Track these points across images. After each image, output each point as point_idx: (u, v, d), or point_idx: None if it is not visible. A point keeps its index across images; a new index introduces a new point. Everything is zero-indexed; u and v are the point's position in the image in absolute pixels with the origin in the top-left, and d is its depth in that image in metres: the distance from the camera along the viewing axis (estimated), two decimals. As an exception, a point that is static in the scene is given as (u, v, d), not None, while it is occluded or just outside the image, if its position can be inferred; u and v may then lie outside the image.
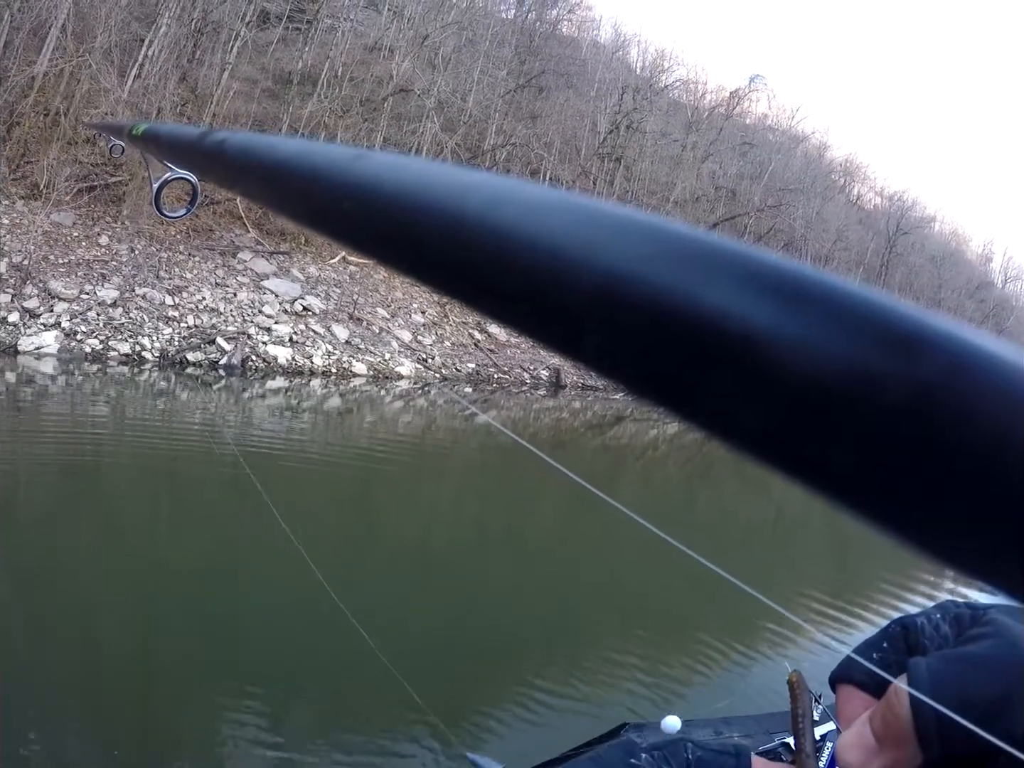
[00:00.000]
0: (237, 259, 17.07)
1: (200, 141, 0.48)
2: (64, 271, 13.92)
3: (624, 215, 0.17)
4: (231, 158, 0.39)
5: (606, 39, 37.80)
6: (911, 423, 0.12)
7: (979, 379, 0.12)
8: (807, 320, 0.13)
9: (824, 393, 0.13)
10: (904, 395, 0.12)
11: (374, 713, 3.74)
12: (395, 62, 22.70)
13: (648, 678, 4.62)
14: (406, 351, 17.46)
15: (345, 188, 0.25)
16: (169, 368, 13.05)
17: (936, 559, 0.13)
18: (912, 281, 46.44)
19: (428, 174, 0.22)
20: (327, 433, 11.20)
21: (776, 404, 0.13)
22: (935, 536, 0.13)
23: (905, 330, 0.13)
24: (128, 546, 5.48)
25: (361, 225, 0.24)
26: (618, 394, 17.65)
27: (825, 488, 0.14)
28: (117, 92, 16.65)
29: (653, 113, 32.08)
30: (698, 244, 0.16)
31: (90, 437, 8.41)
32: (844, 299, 0.14)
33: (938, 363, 0.12)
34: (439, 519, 8.20)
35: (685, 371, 0.15)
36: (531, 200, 0.19)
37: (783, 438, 0.14)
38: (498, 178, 0.21)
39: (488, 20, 27.85)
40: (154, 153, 0.79)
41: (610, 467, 12.59)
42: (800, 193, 37.32)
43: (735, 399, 0.14)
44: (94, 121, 14.53)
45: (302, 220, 0.29)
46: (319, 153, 0.29)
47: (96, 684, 3.62)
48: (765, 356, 0.13)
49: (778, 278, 0.14)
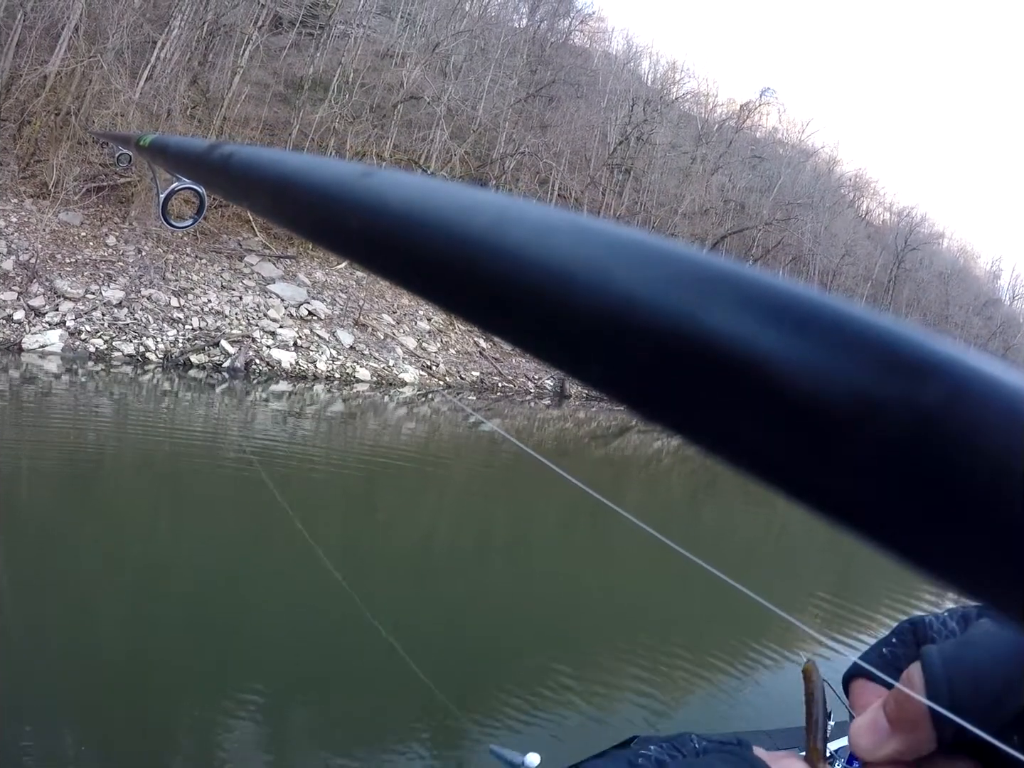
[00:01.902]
0: (244, 262, 17.05)
1: (207, 154, 0.48)
2: (70, 270, 13.90)
3: (629, 237, 0.17)
4: (238, 172, 0.39)
5: (618, 50, 37.94)
6: (913, 449, 0.12)
7: (983, 406, 0.12)
8: (810, 345, 0.13)
9: (826, 418, 0.13)
10: (907, 421, 0.12)
11: (394, 708, 3.79)
12: (406, 69, 22.74)
13: (659, 690, 4.63)
14: (410, 358, 17.40)
15: (352, 206, 0.25)
16: (172, 370, 13.01)
17: (939, 582, 0.13)
18: (920, 297, 46.34)
19: (434, 193, 0.22)
20: (331, 438, 11.14)
21: (779, 428, 0.13)
22: (938, 561, 0.13)
23: (909, 355, 0.13)
24: (131, 547, 5.46)
25: (367, 243, 0.24)
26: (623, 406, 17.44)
27: (828, 511, 0.14)
28: (128, 93, 16.69)
29: (663, 125, 32.12)
30: (703, 268, 0.16)
31: (92, 436, 8.37)
32: (847, 323, 0.14)
33: (941, 389, 0.12)
34: (445, 524, 8.15)
35: (690, 395, 0.15)
36: (537, 221, 0.19)
37: (785, 462, 0.14)
38: (503, 198, 0.21)
39: (500, 29, 27.92)
40: (161, 164, 0.79)
41: (615, 478, 12.50)
42: (809, 207, 37.29)
43: (738, 422, 0.14)
44: (101, 130, 14.58)
45: (310, 236, 0.29)
46: (326, 170, 0.28)
47: (101, 689, 3.60)
48: (767, 380, 0.13)
49: (781, 302, 0.14)
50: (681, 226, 30.71)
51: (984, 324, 51.18)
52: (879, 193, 52.51)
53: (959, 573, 0.13)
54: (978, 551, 0.12)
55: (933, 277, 48.40)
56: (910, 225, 46.67)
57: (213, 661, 4.06)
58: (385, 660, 3.33)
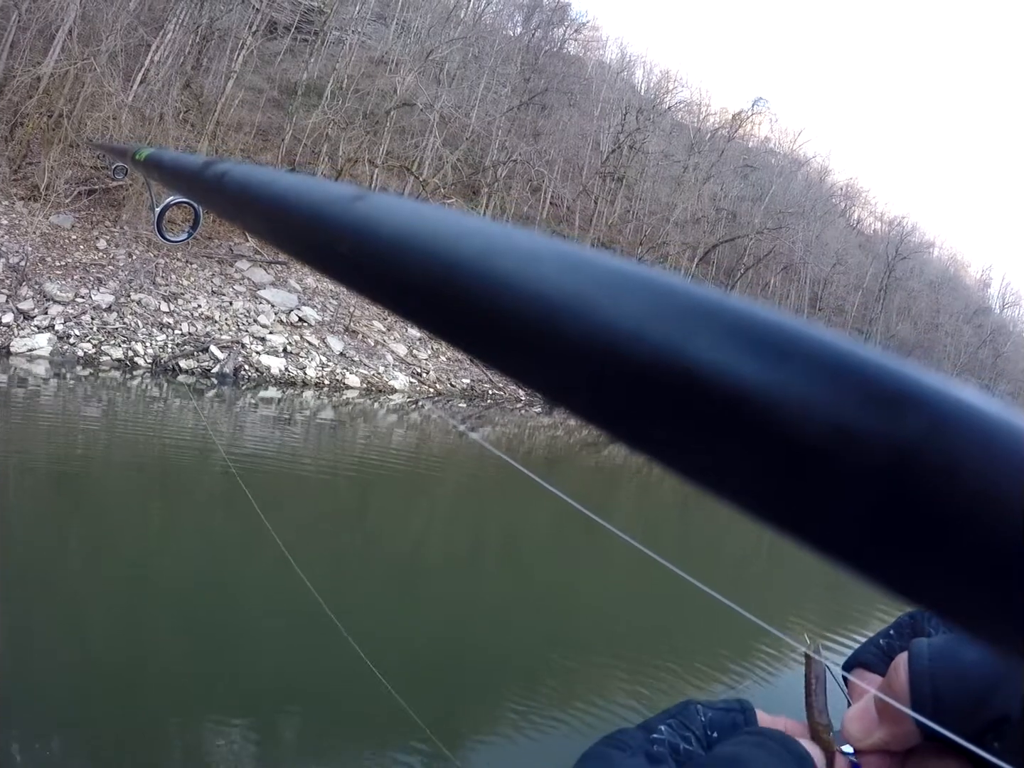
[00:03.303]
0: (235, 268, 17.04)
1: (201, 172, 0.47)
2: (60, 274, 13.88)
3: (613, 268, 0.17)
4: (231, 192, 0.39)
5: (612, 59, 38.12)
6: (890, 483, 0.12)
7: (963, 438, 0.12)
8: (789, 376, 0.13)
9: (803, 449, 0.13)
10: (883, 455, 0.12)
11: (368, 729, 3.77)
12: (400, 76, 22.80)
13: (650, 702, 4.61)
14: (401, 365, 17.41)
15: (341, 231, 0.25)
16: (161, 375, 12.99)
17: (922, 609, 0.13)
18: (910, 306, 46.61)
19: (422, 220, 0.22)
20: (319, 445, 11.15)
21: (756, 458, 0.14)
22: (918, 593, 0.13)
23: (888, 386, 0.13)
24: (115, 556, 5.44)
25: (355, 268, 0.24)
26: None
27: (808, 543, 0.14)
28: (121, 96, 16.68)
29: (656, 134, 32.26)
30: (684, 299, 0.16)
31: (80, 442, 8.36)
32: (826, 353, 0.14)
33: (921, 422, 0.12)
34: (432, 534, 8.16)
35: (669, 426, 0.15)
36: (525, 251, 0.19)
37: (763, 492, 0.14)
38: (491, 226, 0.21)
39: (494, 37, 28.00)
40: (156, 179, 0.78)
41: (604, 487, 12.56)
42: (800, 216, 37.50)
43: (716, 451, 0.14)
44: (98, 141, 14.55)
45: (300, 259, 0.30)
46: (318, 193, 0.29)
47: (85, 699, 3.58)
48: (747, 413, 0.13)
49: (760, 332, 0.14)
50: (673, 235, 30.83)
51: (974, 332, 51.48)
52: (870, 202, 52.88)
53: (942, 605, 0.13)
54: (951, 583, 0.12)
55: (924, 286, 48.70)
56: (901, 234, 46.95)
57: (198, 672, 4.06)
58: (362, 678, 3.35)
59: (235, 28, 20.55)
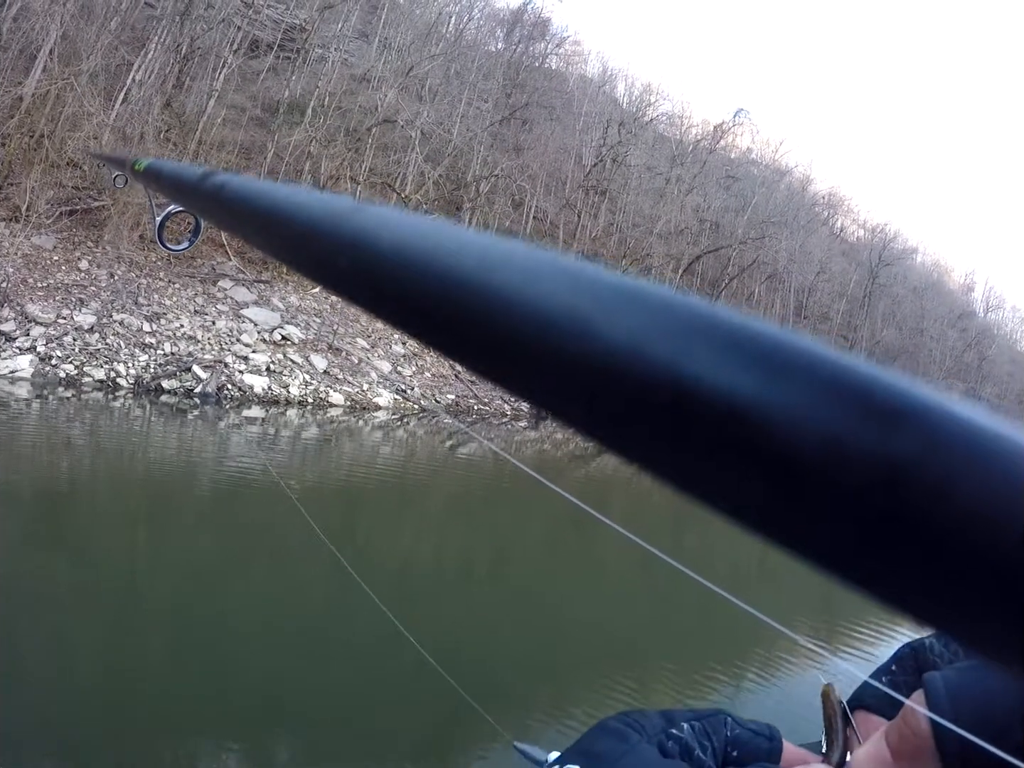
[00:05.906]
0: (217, 287, 17.04)
1: (200, 183, 0.48)
2: (42, 295, 13.86)
3: (610, 282, 0.17)
4: (229, 203, 0.39)
5: (593, 73, 38.40)
6: (886, 500, 0.12)
7: (957, 456, 0.12)
8: (784, 392, 0.13)
9: (797, 464, 0.13)
10: (879, 471, 0.12)
11: (417, 706, 3.90)
12: (381, 93, 22.92)
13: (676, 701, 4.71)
14: (385, 382, 17.44)
15: (339, 243, 0.25)
16: (144, 395, 12.96)
17: (915, 624, 0.13)
18: (895, 312, 46.96)
19: (418, 232, 0.22)
20: (305, 463, 11.15)
21: (752, 474, 0.13)
22: (911, 606, 0.13)
23: (882, 402, 0.13)
24: (102, 575, 5.46)
25: (354, 280, 0.24)
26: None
27: (801, 555, 0.14)
28: (101, 116, 16.70)
29: (638, 146, 32.51)
30: (680, 313, 0.16)
31: (63, 464, 8.35)
32: (821, 369, 0.14)
33: (916, 439, 0.12)
34: (433, 546, 8.18)
35: (666, 441, 0.15)
36: (523, 264, 0.19)
37: (757, 506, 0.14)
38: (489, 239, 0.21)
39: (475, 53, 28.19)
40: (155, 189, 0.79)
41: (596, 498, 12.57)
42: (783, 226, 37.79)
43: (711, 465, 0.14)
44: (97, 151, 14.53)
45: (299, 270, 0.29)
46: (315, 205, 0.29)
47: (81, 721, 3.58)
48: (743, 427, 0.13)
49: (757, 347, 0.14)
50: (656, 246, 31.00)
51: (959, 336, 51.91)
52: (853, 210, 53.36)
53: (941, 623, 0.13)
54: (946, 601, 0.12)
55: (908, 291, 49.09)
56: (884, 241, 47.39)
57: (183, 692, 4.06)
58: (404, 657, 3.43)
59: (217, 47, 20.63)
